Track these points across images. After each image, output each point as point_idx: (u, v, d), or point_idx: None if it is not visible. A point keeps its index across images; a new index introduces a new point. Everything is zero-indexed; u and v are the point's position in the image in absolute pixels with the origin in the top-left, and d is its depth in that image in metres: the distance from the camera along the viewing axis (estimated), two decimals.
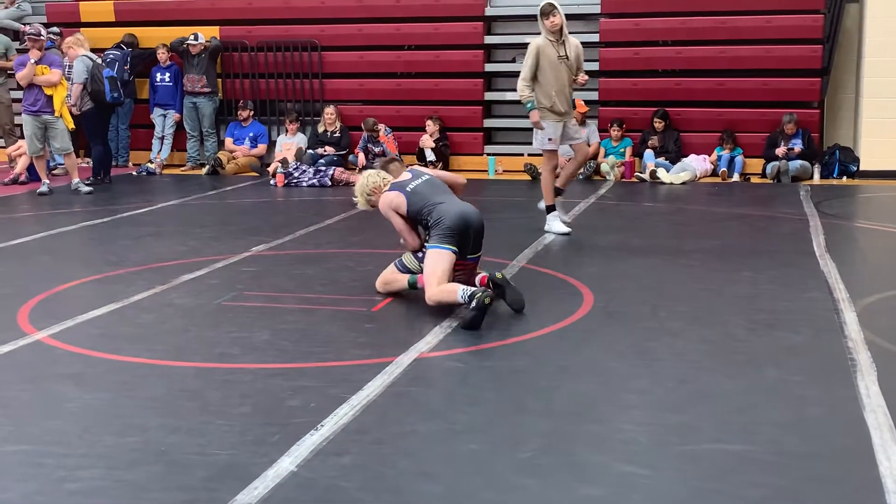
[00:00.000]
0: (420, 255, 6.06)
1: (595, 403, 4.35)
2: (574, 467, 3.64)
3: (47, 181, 11.24)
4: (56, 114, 11.08)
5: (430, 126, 12.74)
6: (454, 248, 5.81)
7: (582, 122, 8.39)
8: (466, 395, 4.49)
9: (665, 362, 4.90)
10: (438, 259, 5.78)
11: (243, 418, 4.16)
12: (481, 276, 5.91)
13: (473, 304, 5.38)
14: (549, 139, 8.32)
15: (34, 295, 6.35)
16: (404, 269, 6.15)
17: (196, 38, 13.21)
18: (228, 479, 3.53)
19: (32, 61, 10.93)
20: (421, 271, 6.08)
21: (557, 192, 8.55)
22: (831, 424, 4.06)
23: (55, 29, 13.38)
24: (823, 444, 3.85)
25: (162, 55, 13.49)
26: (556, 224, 8.36)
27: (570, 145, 8.63)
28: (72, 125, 11.45)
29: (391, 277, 6.20)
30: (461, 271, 5.96)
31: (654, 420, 4.10)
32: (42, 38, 11.14)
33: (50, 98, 11.04)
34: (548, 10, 8.09)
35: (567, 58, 8.19)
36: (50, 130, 11.11)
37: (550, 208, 8.43)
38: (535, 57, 8.16)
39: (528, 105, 8.21)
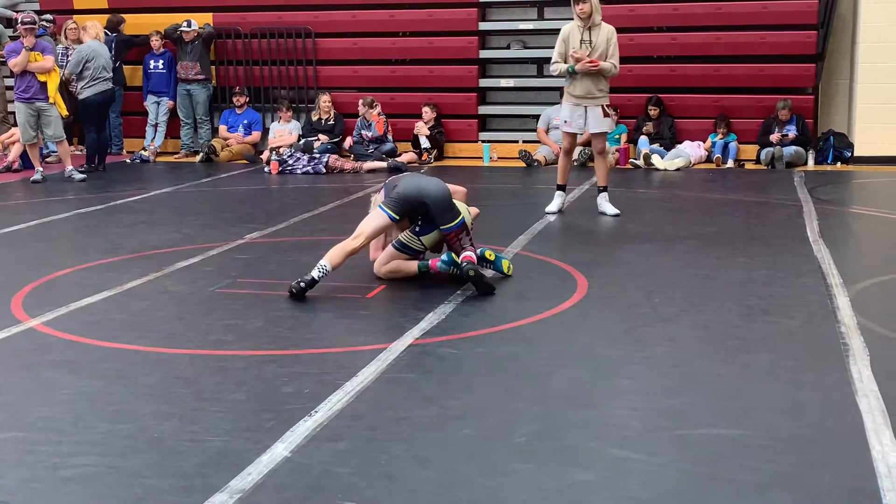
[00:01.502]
0: (417, 229, 6.19)
1: (589, 389, 4.36)
2: (568, 452, 3.65)
3: (41, 169, 11.22)
4: (50, 100, 11.06)
5: (427, 113, 12.71)
6: (394, 215, 6.07)
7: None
8: (460, 380, 4.49)
9: (659, 348, 4.90)
10: (374, 217, 6.13)
11: (237, 405, 4.16)
12: (465, 254, 5.99)
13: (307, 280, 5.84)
14: (565, 121, 8.56)
15: (28, 282, 6.35)
16: (402, 248, 6.23)
17: (189, 25, 13.16)
18: (222, 466, 3.54)
19: (26, 48, 10.90)
20: (424, 249, 6.24)
21: (601, 189, 8.66)
22: (824, 409, 4.07)
23: (48, 16, 13.33)
24: (816, 429, 3.86)
25: (155, 42, 13.43)
26: (553, 203, 8.67)
27: (592, 134, 8.69)
28: (65, 112, 11.43)
29: (399, 266, 6.25)
30: (449, 243, 6.15)
31: (647, 405, 4.11)
32: (35, 24, 11.11)
33: (43, 85, 11.03)
34: None
35: (591, 43, 8.26)
36: (43, 118, 11.09)
37: (559, 186, 8.73)
38: (561, 40, 8.42)
39: (569, 68, 8.29)
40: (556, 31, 8.62)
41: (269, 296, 5.98)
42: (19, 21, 11.25)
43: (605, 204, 8.62)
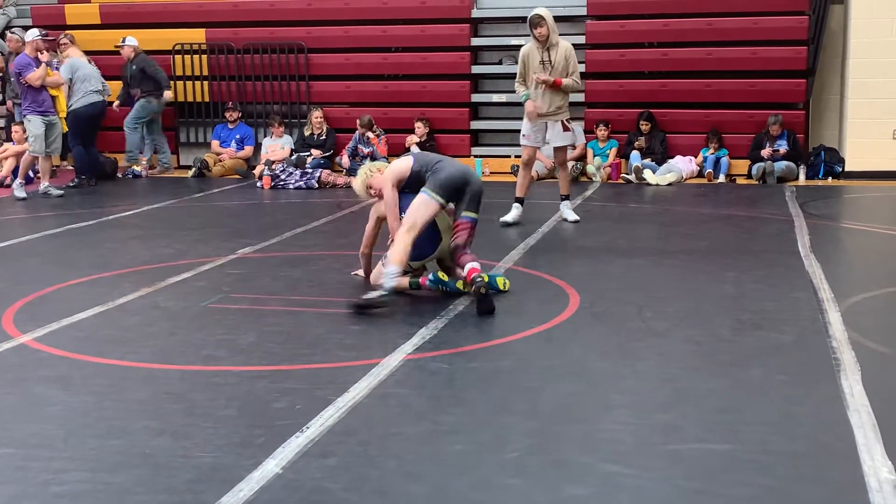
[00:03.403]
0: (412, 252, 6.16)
1: (580, 404, 4.36)
2: (559, 467, 3.65)
3: (21, 181, 11.25)
4: (61, 114, 11.29)
5: (420, 128, 12.73)
6: (443, 199, 6.09)
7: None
8: (452, 396, 4.50)
9: (650, 362, 4.91)
10: (422, 205, 6.05)
11: (229, 420, 4.15)
12: (469, 268, 5.90)
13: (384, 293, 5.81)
14: (523, 135, 8.98)
15: (19, 298, 6.33)
16: None
17: (123, 42, 13.01)
18: (214, 482, 3.53)
19: (45, 63, 11.06)
20: (411, 270, 6.25)
21: (563, 197, 9.14)
22: (816, 424, 4.08)
23: (42, 32, 13.31)
24: (808, 444, 3.87)
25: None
26: (510, 214, 9.03)
27: (554, 148, 9.02)
28: (65, 128, 11.54)
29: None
30: (456, 231, 6.16)
31: (639, 420, 4.11)
32: (49, 39, 11.41)
33: (55, 98, 11.31)
34: (535, 22, 8.69)
35: (550, 63, 8.66)
36: (50, 130, 11.17)
37: (517, 199, 9.10)
38: (521, 61, 8.87)
39: (523, 96, 8.85)
40: None
41: (261, 311, 5.97)
42: (30, 36, 11.23)
43: (567, 211, 9.12)
